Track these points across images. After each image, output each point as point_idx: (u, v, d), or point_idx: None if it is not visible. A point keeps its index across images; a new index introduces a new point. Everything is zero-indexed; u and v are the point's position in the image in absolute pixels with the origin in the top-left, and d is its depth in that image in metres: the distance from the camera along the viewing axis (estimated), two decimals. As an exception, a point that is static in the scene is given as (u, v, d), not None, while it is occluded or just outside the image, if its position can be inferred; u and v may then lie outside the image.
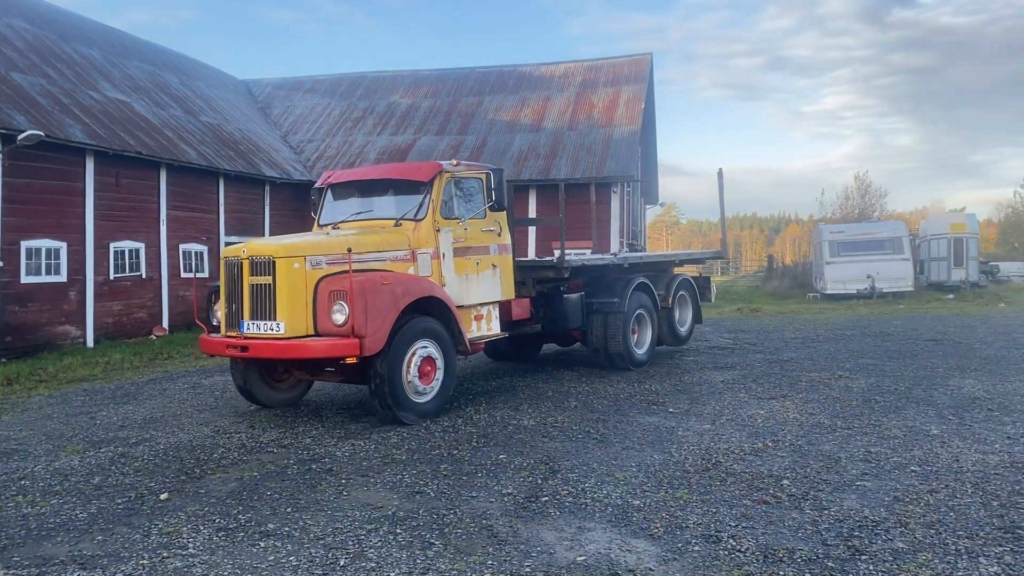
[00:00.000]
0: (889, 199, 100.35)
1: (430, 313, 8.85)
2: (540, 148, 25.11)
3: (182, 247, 19.88)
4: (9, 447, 7.91)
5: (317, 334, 8.17)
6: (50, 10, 22.49)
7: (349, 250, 8.29)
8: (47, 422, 9.13)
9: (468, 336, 9.34)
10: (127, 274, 18.01)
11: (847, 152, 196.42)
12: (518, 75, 29.89)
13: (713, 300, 17.20)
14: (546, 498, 5.89)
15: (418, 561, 4.76)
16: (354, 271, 8.12)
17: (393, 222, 9.38)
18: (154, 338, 17.95)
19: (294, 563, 4.77)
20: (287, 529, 5.35)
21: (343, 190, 10.25)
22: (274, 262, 8.15)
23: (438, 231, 9.36)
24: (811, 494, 5.84)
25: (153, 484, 6.49)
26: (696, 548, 4.88)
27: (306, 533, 5.27)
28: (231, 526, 5.44)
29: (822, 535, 5.04)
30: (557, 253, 11.15)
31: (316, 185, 10.53)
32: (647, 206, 37.01)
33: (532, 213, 22.97)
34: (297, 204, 25.06)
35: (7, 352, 14.71)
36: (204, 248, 20.71)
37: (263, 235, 23.10)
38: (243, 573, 4.65)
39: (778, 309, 24.10)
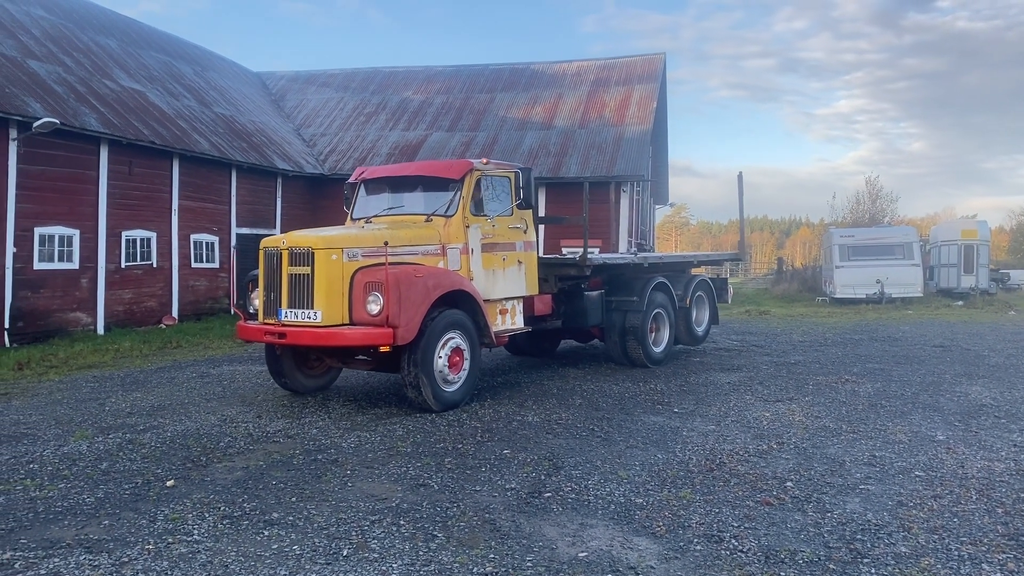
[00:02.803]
0: (900, 204, 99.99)
1: (458, 306, 9.07)
2: (551, 146, 25.10)
3: (193, 237, 19.98)
4: (19, 431, 7.99)
5: (352, 323, 8.41)
6: (67, -1, 22.64)
7: (386, 243, 8.49)
8: (57, 407, 9.21)
9: (493, 329, 9.58)
10: (138, 263, 18.12)
11: (859, 156, 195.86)
12: (530, 73, 29.88)
13: (730, 301, 17.27)
14: (549, 494, 5.91)
15: (420, 553, 4.79)
16: (389, 264, 8.33)
17: (424, 217, 9.58)
18: (164, 327, 18.05)
19: (297, 552, 4.81)
20: (291, 518, 5.39)
21: (376, 186, 10.51)
22: (313, 253, 8.40)
23: (467, 227, 9.57)
24: (814, 496, 5.84)
25: (160, 471, 6.54)
26: (698, 547, 4.89)
27: (310, 523, 5.31)
28: (236, 514, 5.49)
29: (824, 537, 5.04)
30: (571, 251, 11.22)
31: (349, 180, 10.79)
32: (657, 206, 36.97)
33: (541, 211, 23.02)
34: (309, 197, 25.18)
35: (19, 337, 14.83)
36: (215, 239, 20.80)
37: (275, 227, 23.24)
38: (247, 561, 4.69)
39: (786, 312, 24.03)
